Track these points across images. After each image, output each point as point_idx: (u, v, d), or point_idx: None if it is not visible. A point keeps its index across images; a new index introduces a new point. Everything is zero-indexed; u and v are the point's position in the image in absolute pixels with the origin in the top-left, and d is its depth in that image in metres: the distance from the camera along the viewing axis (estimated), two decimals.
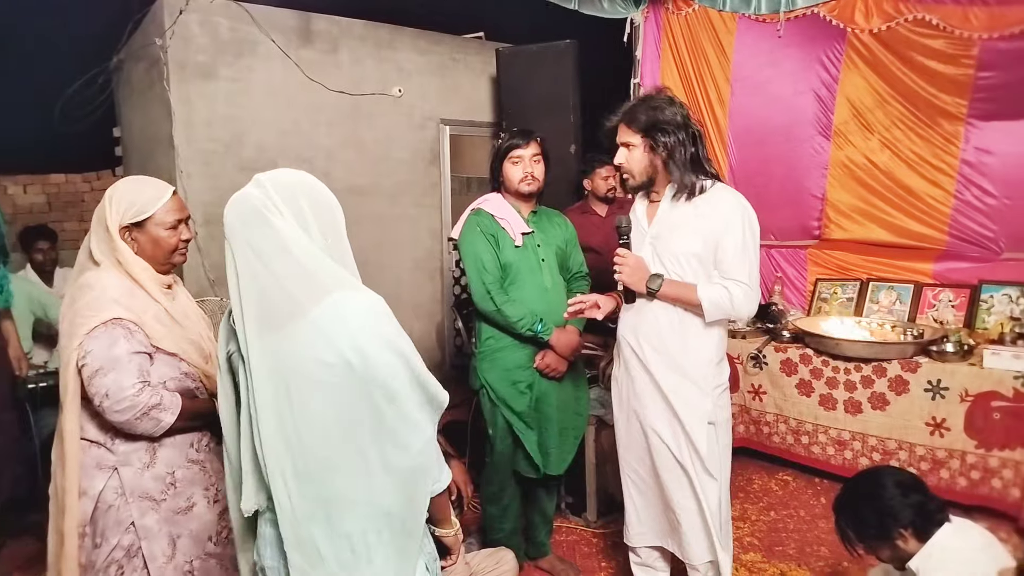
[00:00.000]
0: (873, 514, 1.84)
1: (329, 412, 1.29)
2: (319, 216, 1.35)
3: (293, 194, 1.34)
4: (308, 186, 1.38)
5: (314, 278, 1.29)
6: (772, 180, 4.18)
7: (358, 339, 1.27)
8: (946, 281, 3.60)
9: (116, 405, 1.70)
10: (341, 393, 1.28)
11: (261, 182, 1.35)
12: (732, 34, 4.12)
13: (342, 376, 1.27)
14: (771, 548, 3.03)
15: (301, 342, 1.28)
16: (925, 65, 3.59)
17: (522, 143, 2.64)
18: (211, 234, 4.08)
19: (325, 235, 1.35)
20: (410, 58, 5.01)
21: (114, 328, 1.73)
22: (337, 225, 1.39)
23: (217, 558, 1.90)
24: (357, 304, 1.30)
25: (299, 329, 1.28)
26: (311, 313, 1.27)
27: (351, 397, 1.28)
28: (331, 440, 1.30)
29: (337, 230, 1.39)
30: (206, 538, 1.89)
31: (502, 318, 2.59)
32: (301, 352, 1.28)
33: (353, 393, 1.28)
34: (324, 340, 1.27)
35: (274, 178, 1.36)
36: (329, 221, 1.37)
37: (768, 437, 3.66)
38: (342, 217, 1.41)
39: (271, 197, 1.32)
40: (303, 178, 1.39)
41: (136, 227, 1.83)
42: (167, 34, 3.99)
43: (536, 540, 2.94)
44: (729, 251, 2.13)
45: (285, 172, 1.39)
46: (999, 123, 3.49)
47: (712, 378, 2.20)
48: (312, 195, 1.36)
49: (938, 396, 3.09)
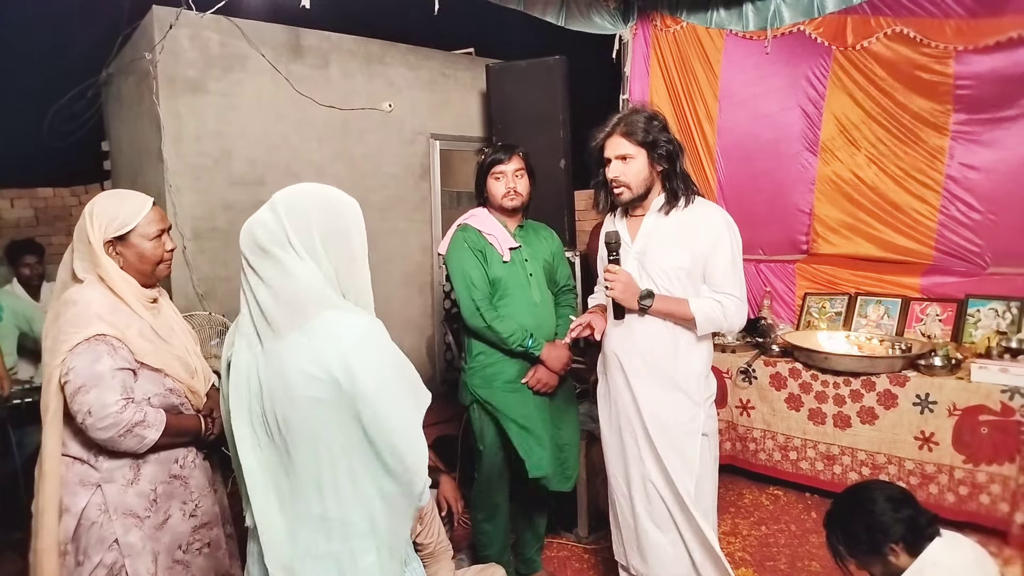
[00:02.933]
0: (864, 530, 1.83)
1: (314, 429, 1.28)
2: (330, 245, 1.33)
3: (307, 224, 1.32)
4: (325, 213, 1.35)
5: (313, 300, 1.30)
6: (760, 195, 4.20)
7: (348, 357, 1.26)
8: (933, 295, 3.63)
9: (99, 422, 1.68)
10: (326, 410, 1.27)
11: (276, 207, 1.33)
12: (720, 51, 4.16)
13: (328, 393, 1.26)
14: (762, 563, 3.02)
15: (291, 352, 1.28)
16: (907, 80, 3.63)
17: (504, 158, 2.64)
18: (200, 248, 4.06)
19: (336, 264, 1.34)
20: (400, 73, 5.03)
21: (97, 344, 1.71)
22: (353, 250, 1.37)
23: (184, 565, 1.88)
24: (351, 324, 1.30)
25: (292, 340, 1.28)
26: (304, 326, 1.28)
27: (337, 415, 1.27)
28: (317, 458, 1.29)
29: (351, 254, 1.37)
30: (176, 547, 1.87)
31: (492, 334, 2.58)
32: (289, 362, 1.28)
33: (339, 411, 1.27)
34: (313, 353, 1.26)
35: (290, 203, 1.33)
36: (342, 248, 1.35)
37: (755, 454, 3.66)
38: (360, 239, 1.39)
39: (283, 224, 1.30)
40: (322, 203, 1.36)
41: (120, 240, 1.81)
42: (157, 48, 3.99)
43: (526, 556, 2.92)
44: (720, 265, 2.15)
45: (303, 195, 1.36)
46: (982, 138, 3.52)
47: (704, 390, 2.23)
48: (328, 223, 1.34)
49: (927, 410, 3.10)
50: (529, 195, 2.71)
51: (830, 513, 1.96)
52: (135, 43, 4.41)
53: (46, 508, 1.72)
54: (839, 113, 3.93)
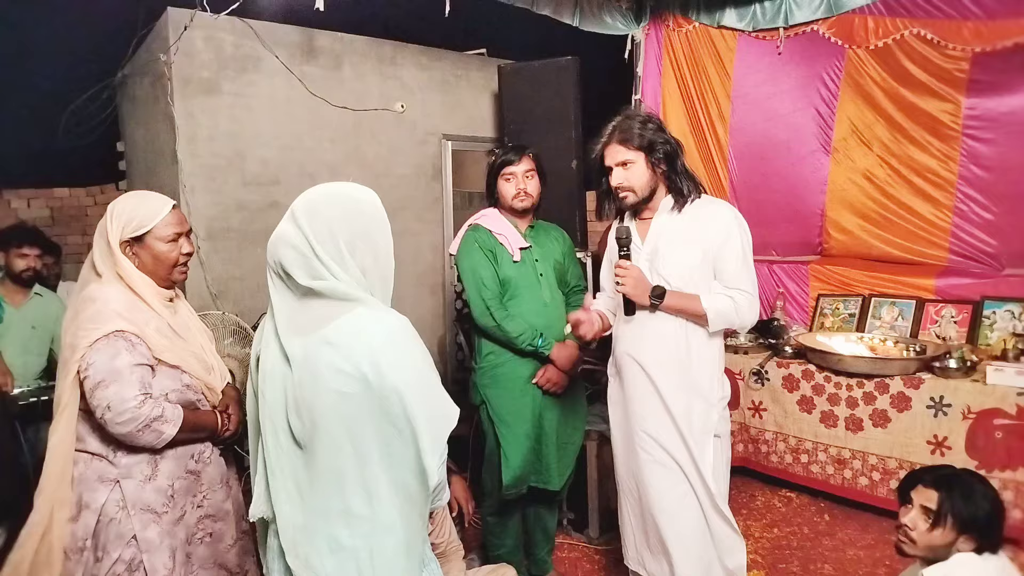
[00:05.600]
0: (987, 505, 1.81)
1: (340, 423, 1.29)
2: (356, 249, 1.33)
3: (331, 234, 1.31)
4: (346, 218, 1.34)
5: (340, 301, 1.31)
6: (773, 195, 4.18)
7: (377, 355, 1.27)
8: (948, 297, 3.60)
9: (118, 417, 1.70)
10: (353, 405, 1.28)
11: (298, 219, 1.32)
12: (733, 51, 4.15)
13: (356, 388, 1.27)
14: (774, 566, 3.00)
15: (320, 349, 1.29)
16: (921, 81, 3.61)
17: (515, 159, 2.64)
18: (214, 248, 4.08)
19: (362, 264, 1.34)
20: (413, 74, 5.04)
21: (116, 340, 1.73)
22: (377, 248, 1.37)
23: (186, 555, 1.89)
24: (380, 321, 1.31)
25: (320, 337, 1.29)
26: (333, 324, 1.29)
27: (364, 411, 1.28)
28: (341, 452, 1.30)
29: (376, 252, 1.37)
30: (184, 539, 1.88)
31: (502, 334, 2.58)
32: (318, 358, 1.29)
33: (366, 407, 1.28)
34: (342, 350, 1.27)
35: (311, 213, 1.32)
36: (367, 248, 1.35)
37: (767, 456, 3.64)
38: (382, 234, 1.39)
39: (307, 239, 1.30)
40: (342, 207, 1.35)
41: (136, 241, 1.84)
42: (171, 50, 4.01)
43: (537, 557, 2.92)
44: (731, 261, 2.15)
45: (322, 203, 1.35)
46: (997, 138, 3.49)
47: (718, 389, 2.22)
48: (350, 228, 1.33)
49: (940, 413, 3.08)
50: (540, 196, 2.72)
51: (951, 476, 1.89)
52: (150, 44, 4.45)
53: (61, 502, 1.73)
54: (852, 113, 3.90)
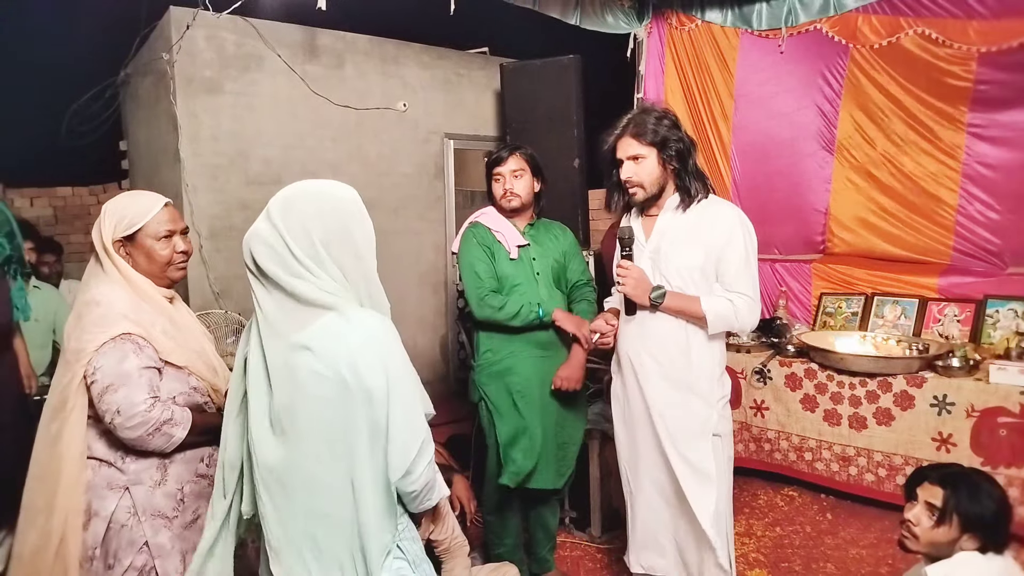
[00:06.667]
0: (994, 504, 1.80)
1: (320, 426, 1.29)
2: (333, 249, 1.31)
3: (306, 232, 1.29)
4: (322, 217, 1.31)
5: (318, 304, 1.29)
6: (776, 194, 4.18)
7: (355, 356, 1.26)
8: (951, 296, 3.59)
9: (128, 421, 1.67)
10: (332, 408, 1.28)
11: (272, 217, 1.30)
12: (735, 49, 4.14)
13: (334, 390, 1.27)
14: (777, 564, 3.00)
15: (299, 352, 1.29)
16: (926, 79, 3.60)
17: (502, 159, 2.63)
18: (216, 247, 4.09)
19: (341, 264, 1.32)
20: (415, 73, 5.05)
21: (123, 343, 1.70)
22: (357, 248, 1.34)
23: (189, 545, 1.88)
24: (358, 323, 1.30)
25: (300, 340, 1.29)
26: (312, 326, 1.29)
27: (342, 414, 1.28)
28: (320, 454, 1.30)
29: (356, 252, 1.34)
30: (195, 543, 1.86)
31: (504, 315, 2.55)
32: (298, 361, 1.29)
33: (345, 410, 1.28)
34: (320, 352, 1.27)
35: (285, 212, 1.30)
36: (346, 248, 1.33)
37: (770, 454, 3.64)
38: (362, 234, 1.36)
39: (281, 237, 1.28)
40: (318, 206, 1.32)
41: (128, 240, 1.80)
42: (174, 49, 4.02)
43: (539, 555, 2.92)
44: (732, 263, 2.14)
45: (298, 201, 1.32)
46: (1001, 137, 3.49)
47: (717, 390, 2.21)
48: (326, 227, 1.30)
49: (944, 412, 3.07)
50: (535, 194, 2.70)
51: (958, 474, 1.89)
52: (152, 44, 4.46)
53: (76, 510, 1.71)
54: (856, 111, 3.89)
